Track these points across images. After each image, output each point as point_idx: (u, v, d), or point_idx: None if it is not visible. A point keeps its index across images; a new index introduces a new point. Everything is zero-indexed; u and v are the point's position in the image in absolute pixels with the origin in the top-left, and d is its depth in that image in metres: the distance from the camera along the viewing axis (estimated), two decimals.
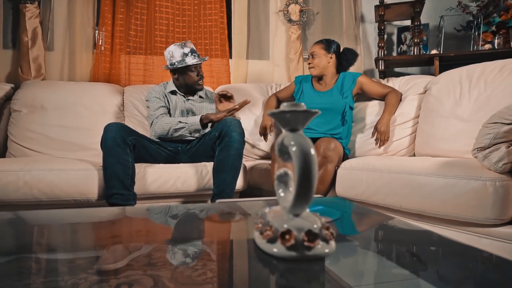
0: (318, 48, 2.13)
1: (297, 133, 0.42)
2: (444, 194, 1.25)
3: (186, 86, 2.05)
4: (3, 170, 1.56)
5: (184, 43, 2.01)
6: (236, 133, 1.68)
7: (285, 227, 0.39)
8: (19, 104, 2.20)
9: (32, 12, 2.53)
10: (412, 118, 2.10)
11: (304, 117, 0.42)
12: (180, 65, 1.96)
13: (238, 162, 1.69)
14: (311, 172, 0.38)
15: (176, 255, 0.47)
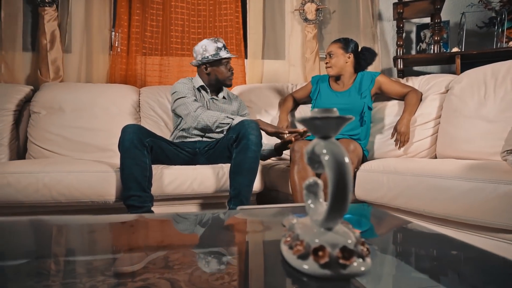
0: (335, 48, 2.08)
1: (329, 140, 0.39)
2: (471, 199, 1.19)
3: (216, 82, 2.01)
4: (23, 172, 1.57)
5: (217, 38, 1.99)
6: (254, 136, 1.66)
7: (317, 242, 0.37)
8: (38, 106, 2.23)
9: (50, 15, 2.56)
10: (434, 118, 2.03)
11: (337, 123, 0.39)
12: (214, 58, 1.94)
13: (255, 164, 1.66)
14: (346, 183, 0.36)
15: (191, 268, 0.45)
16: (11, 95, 2.31)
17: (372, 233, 0.59)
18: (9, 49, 2.54)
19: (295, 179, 1.69)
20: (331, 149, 0.37)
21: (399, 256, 0.51)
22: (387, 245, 0.56)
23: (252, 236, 0.59)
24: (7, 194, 1.54)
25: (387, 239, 0.59)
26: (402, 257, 0.51)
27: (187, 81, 2.00)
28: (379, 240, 0.57)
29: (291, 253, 0.38)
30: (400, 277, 0.43)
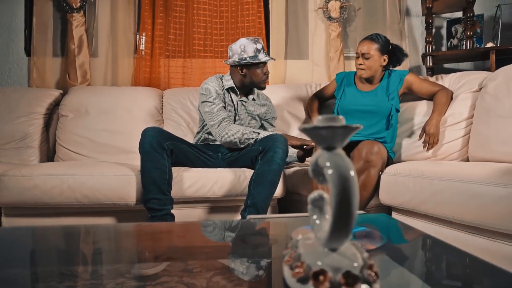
0: (372, 49, 1.92)
1: (333, 152, 0.35)
2: (505, 206, 1.11)
3: (250, 84, 1.93)
4: (49, 174, 1.62)
5: (256, 38, 1.90)
6: (281, 150, 1.63)
7: (319, 265, 0.33)
8: (66, 109, 2.30)
9: (78, 20, 2.64)
10: (465, 118, 1.92)
11: (343, 133, 0.35)
12: (253, 60, 1.84)
13: (277, 177, 1.63)
14: (350, 200, 0.32)
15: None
16: (41, 99, 2.40)
17: (389, 251, 0.54)
18: (40, 55, 2.64)
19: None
20: (335, 161, 0.34)
21: (426, 279, 0.46)
22: (400, 266, 0.51)
23: (257, 250, 0.57)
24: (34, 196, 1.59)
25: (401, 259, 0.54)
26: (429, 280, 0.46)
27: (216, 81, 1.93)
28: (390, 261, 0.52)
29: (291, 275, 0.35)
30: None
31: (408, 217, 1.52)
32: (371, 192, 1.62)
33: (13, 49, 2.70)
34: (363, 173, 1.60)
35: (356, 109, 2.00)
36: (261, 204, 1.55)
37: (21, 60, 2.71)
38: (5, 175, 1.60)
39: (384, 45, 1.97)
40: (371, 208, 1.73)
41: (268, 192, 1.58)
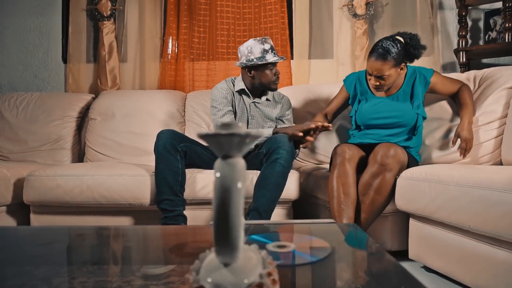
0: (387, 69, 1.66)
1: (228, 160, 0.33)
2: None
3: (260, 85, 1.90)
4: (70, 175, 1.71)
5: (264, 38, 1.86)
6: (284, 151, 1.59)
7: (209, 281, 0.31)
8: (95, 113, 2.42)
9: (108, 28, 2.77)
10: (498, 117, 1.77)
11: (240, 142, 0.33)
12: (259, 61, 1.80)
13: (282, 180, 1.59)
14: (228, 212, 0.30)
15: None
16: (74, 103, 2.55)
17: (322, 268, 0.49)
18: (75, 61, 2.81)
19: (334, 184, 1.57)
20: (223, 171, 0.32)
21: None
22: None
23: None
24: (57, 195, 1.69)
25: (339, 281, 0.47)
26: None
27: (225, 85, 1.94)
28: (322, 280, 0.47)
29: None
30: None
31: (426, 224, 1.43)
32: (386, 197, 1.53)
33: (51, 56, 2.89)
34: (378, 177, 1.52)
35: (378, 124, 1.79)
36: (264, 207, 1.52)
37: (58, 67, 2.90)
38: (32, 175, 1.72)
39: (398, 57, 1.66)
40: (389, 214, 1.64)
41: (271, 195, 1.55)
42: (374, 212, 1.54)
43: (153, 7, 2.79)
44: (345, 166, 1.57)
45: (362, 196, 1.55)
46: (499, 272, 1.12)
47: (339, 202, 1.54)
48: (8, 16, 2.89)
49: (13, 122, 2.46)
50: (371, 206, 1.53)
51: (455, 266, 1.29)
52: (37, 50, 2.90)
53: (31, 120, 2.45)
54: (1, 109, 2.50)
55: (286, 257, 0.48)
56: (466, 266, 1.24)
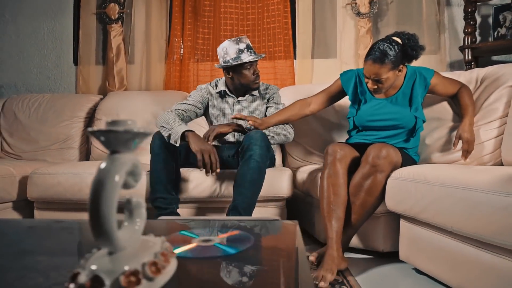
0: (385, 72, 1.60)
1: (113, 156, 0.35)
2: (508, 218, 0.97)
3: (241, 86, 1.88)
4: (70, 173, 1.78)
5: (239, 38, 1.83)
6: (258, 147, 1.60)
7: (92, 269, 0.33)
8: (100, 113, 2.50)
9: (116, 31, 2.85)
10: (499, 117, 1.72)
11: (125, 139, 0.35)
12: (234, 62, 1.78)
13: (258, 176, 1.59)
14: (99, 204, 0.32)
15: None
16: (82, 104, 2.65)
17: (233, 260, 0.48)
18: (85, 63, 2.91)
19: (324, 184, 1.56)
20: (105, 164, 0.34)
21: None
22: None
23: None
24: (58, 192, 1.76)
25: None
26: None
27: (205, 87, 1.97)
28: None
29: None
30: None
31: (415, 225, 1.40)
32: (377, 198, 1.51)
33: (63, 59, 3.01)
34: (369, 178, 1.50)
35: (375, 126, 1.75)
36: (242, 206, 1.53)
37: (70, 69, 3.01)
38: (35, 173, 1.80)
39: (396, 59, 1.60)
40: (381, 214, 1.62)
41: (248, 192, 1.56)
42: (364, 213, 1.53)
43: (159, 9, 2.85)
44: (336, 166, 1.56)
45: (353, 196, 1.53)
46: (484, 275, 1.09)
47: (328, 203, 1.53)
48: (24, 21, 3.02)
49: (26, 123, 2.57)
50: (361, 207, 1.52)
51: (442, 268, 1.26)
52: (50, 53, 3.02)
53: (42, 120, 2.56)
54: (15, 110, 2.62)
55: (203, 250, 0.50)
56: (453, 268, 1.21)
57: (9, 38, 3.03)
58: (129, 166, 0.36)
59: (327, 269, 1.38)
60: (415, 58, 1.69)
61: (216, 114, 1.98)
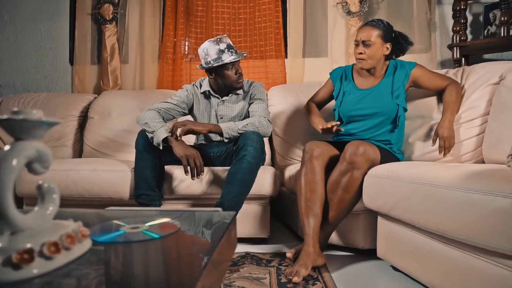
0: (374, 36, 1.71)
1: (14, 143, 0.38)
2: (466, 213, 0.98)
3: (224, 86, 1.89)
4: (57, 169, 1.82)
5: (219, 38, 1.82)
6: (252, 147, 1.61)
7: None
8: (93, 112, 2.55)
9: (110, 31, 2.90)
10: (481, 115, 1.71)
11: (26, 127, 0.37)
12: (216, 63, 1.78)
13: (249, 176, 1.60)
14: None
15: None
16: (77, 103, 2.69)
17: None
18: (81, 63, 2.96)
19: (301, 181, 1.58)
20: (6, 149, 0.36)
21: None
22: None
23: None
24: None
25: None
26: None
27: (190, 87, 1.98)
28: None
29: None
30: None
31: (390, 222, 1.41)
32: (354, 195, 1.52)
33: (60, 59, 3.06)
34: (346, 175, 1.51)
35: (358, 114, 1.79)
36: (228, 203, 1.54)
37: (66, 68, 3.06)
38: None
39: (387, 31, 1.74)
40: (361, 212, 1.62)
41: (237, 191, 1.57)
42: (342, 210, 1.54)
43: (152, 10, 2.89)
44: (313, 163, 1.57)
45: (331, 193, 1.55)
46: (450, 272, 1.09)
47: (305, 200, 1.55)
48: (22, 22, 3.08)
49: None
50: (339, 204, 1.53)
51: (414, 265, 1.27)
52: (47, 53, 3.07)
53: None
54: (11, 109, 2.67)
55: (124, 236, 0.52)
56: (423, 265, 1.21)
57: (7, 39, 3.10)
58: (31, 152, 0.38)
59: (301, 264, 1.39)
60: (403, 49, 1.82)
61: (201, 114, 2.00)
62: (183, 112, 1.99)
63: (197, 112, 2.01)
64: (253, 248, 1.78)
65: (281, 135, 2.36)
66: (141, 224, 0.56)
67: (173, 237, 0.51)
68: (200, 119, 2.00)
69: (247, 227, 1.82)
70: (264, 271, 1.46)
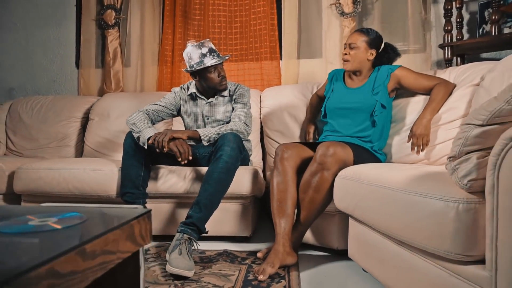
0: (360, 40, 1.85)
1: None
2: (408, 215, 0.99)
3: (208, 88, 1.97)
4: (50, 168, 1.93)
5: (202, 42, 1.91)
6: (229, 148, 1.66)
7: None
8: (94, 114, 2.66)
9: (113, 36, 3.01)
10: (461, 116, 1.68)
11: None
12: (198, 67, 1.87)
13: (225, 175, 1.64)
14: None
15: None
16: (80, 105, 2.82)
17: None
18: (86, 67, 3.10)
19: (273, 182, 1.63)
20: None
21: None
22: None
23: None
24: (38, 186, 1.91)
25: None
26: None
27: (178, 90, 2.06)
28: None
29: None
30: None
31: (357, 223, 1.42)
32: (325, 195, 1.54)
33: (67, 63, 3.21)
34: (316, 175, 1.53)
35: (341, 107, 1.91)
36: (204, 202, 1.59)
37: (73, 72, 3.20)
38: (21, 168, 1.97)
39: (373, 39, 1.86)
40: (336, 212, 1.64)
41: (213, 190, 1.61)
42: (314, 210, 1.56)
43: (152, 14, 2.99)
44: (284, 164, 1.61)
45: (302, 193, 1.57)
46: (403, 272, 1.10)
47: (277, 200, 1.59)
48: (32, 28, 3.25)
49: (28, 122, 2.77)
50: (310, 204, 1.55)
51: (376, 266, 1.28)
52: (55, 57, 3.23)
53: (42, 120, 2.76)
54: (19, 111, 2.84)
55: (28, 227, 0.58)
56: (382, 265, 1.22)
57: (19, 44, 3.28)
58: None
59: (268, 262, 1.43)
60: (390, 59, 1.93)
61: (188, 115, 2.07)
62: (172, 114, 2.06)
63: (184, 114, 2.08)
64: (232, 246, 1.83)
65: (272, 136, 2.39)
66: (51, 218, 0.62)
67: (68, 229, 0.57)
68: (187, 120, 2.07)
69: (227, 225, 1.86)
70: (235, 268, 1.50)
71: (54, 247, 0.49)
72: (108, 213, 0.68)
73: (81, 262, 0.48)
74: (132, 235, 0.63)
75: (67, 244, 0.49)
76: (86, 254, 0.50)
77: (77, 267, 0.47)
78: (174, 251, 1.47)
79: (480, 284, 0.82)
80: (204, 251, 1.73)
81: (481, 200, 0.83)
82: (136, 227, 0.64)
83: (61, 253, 0.45)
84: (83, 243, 0.50)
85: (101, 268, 0.53)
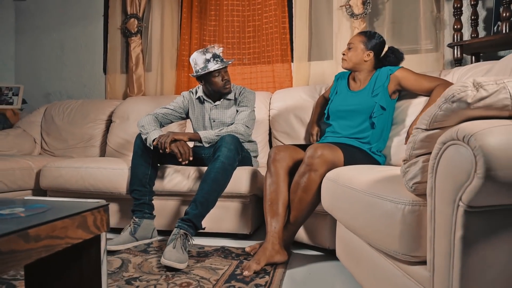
0: (357, 41, 1.91)
1: None
2: (367, 215, 1.02)
3: (213, 91, 2.08)
4: (69, 167, 2.12)
5: (206, 49, 2.03)
6: (226, 149, 1.74)
7: None
8: (115, 116, 2.87)
9: (136, 43, 3.21)
10: None
11: None
12: (203, 72, 1.99)
13: (221, 176, 1.72)
14: None
15: None
16: (105, 108, 3.04)
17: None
18: (112, 72, 3.33)
19: (266, 183, 1.69)
20: None
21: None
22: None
23: None
24: (60, 183, 2.11)
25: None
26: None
27: (187, 94, 2.19)
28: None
29: None
30: None
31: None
32: (313, 196, 1.57)
33: (96, 69, 3.46)
34: (305, 176, 1.58)
35: (342, 109, 1.93)
36: (200, 200, 1.69)
37: (101, 77, 3.45)
38: (46, 166, 2.18)
39: (371, 41, 1.89)
40: (327, 213, 1.67)
41: (209, 189, 1.70)
42: (303, 210, 1.61)
43: (171, 21, 3.15)
44: (276, 166, 1.67)
45: (293, 194, 1.62)
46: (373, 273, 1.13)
47: (268, 200, 1.65)
48: (66, 37, 3.54)
49: (60, 125, 3.04)
50: (299, 204, 1.60)
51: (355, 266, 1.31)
52: (86, 64, 3.49)
53: (72, 122, 3.01)
54: (53, 114, 3.11)
55: (6, 215, 0.70)
56: (358, 265, 1.26)
57: (55, 53, 3.58)
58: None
59: (255, 259, 1.50)
60: (391, 62, 1.93)
61: (196, 118, 2.19)
62: (181, 117, 2.19)
63: (192, 116, 2.20)
64: (232, 242, 1.91)
65: (278, 138, 2.45)
66: (20, 208, 0.74)
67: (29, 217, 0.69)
68: (195, 122, 2.19)
69: (227, 222, 1.95)
70: (226, 263, 1.59)
71: (2, 229, 0.60)
72: (70, 206, 0.79)
73: (22, 243, 0.59)
74: (84, 224, 0.74)
75: (12, 227, 0.59)
76: (29, 237, 0.60)
77: (17, 247, 0.58)
78: (169, 245, 1.58)
79: (423, 284, 0.84)
80: (203, 246, 1.83)
81: (425, 202, 0.86)
82: (89, 218, 0.74)
83: (3, 234, 0.56)
84: (27, 228, 0.61)
85: (47, 250, 0.64)
